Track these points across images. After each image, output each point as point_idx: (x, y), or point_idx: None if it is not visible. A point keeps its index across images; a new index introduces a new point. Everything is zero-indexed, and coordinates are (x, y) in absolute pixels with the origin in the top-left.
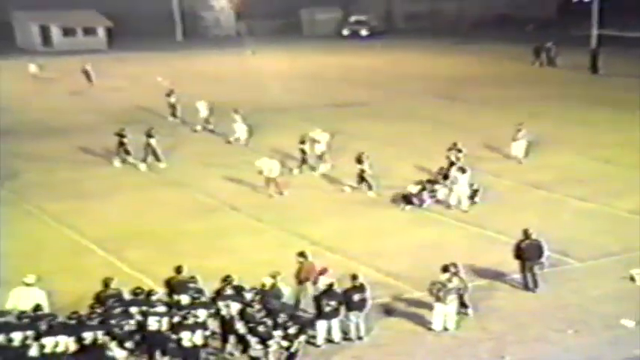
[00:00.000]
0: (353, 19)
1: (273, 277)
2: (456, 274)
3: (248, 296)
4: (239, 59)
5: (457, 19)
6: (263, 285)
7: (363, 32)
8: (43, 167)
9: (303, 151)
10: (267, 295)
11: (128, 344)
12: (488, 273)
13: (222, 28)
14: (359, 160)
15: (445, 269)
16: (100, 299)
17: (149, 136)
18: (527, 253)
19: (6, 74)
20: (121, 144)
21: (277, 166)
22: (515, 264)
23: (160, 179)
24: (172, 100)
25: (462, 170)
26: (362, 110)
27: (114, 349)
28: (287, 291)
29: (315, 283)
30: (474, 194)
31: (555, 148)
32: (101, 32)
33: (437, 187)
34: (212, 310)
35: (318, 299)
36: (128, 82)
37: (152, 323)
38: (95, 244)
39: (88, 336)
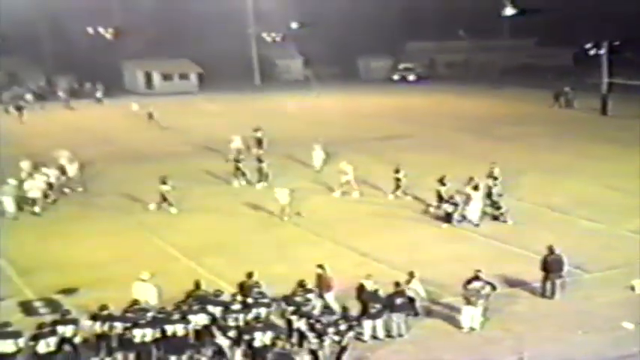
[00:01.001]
0: (402, 66)
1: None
2: (488, 282)
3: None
4: (306, 100)
5: (488, 68)
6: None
7: (411, 77)
8: (140, 188)
9: (397, 179)
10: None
11: (231, 334)
12: (510, 282)
13: (292, 73)
14: (397, 171)
15: (477, 277)
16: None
17: (260, 161)
18: (551, 266)
19: (115, 111)
20: (237, 168)
21: (286, 194)
22: (534, 274)
23: (236, 199)
24: (259, 134)
25: (475, 188)
26: (407, 143)
27: (219, 338)
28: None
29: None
30: (499, 214)
31: (569, 177)
32: (193, 77)
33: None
34: (272, 309)
35: (365, 302)
36: (214, 118)
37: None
38: (180, 252)
39: (169, 329)
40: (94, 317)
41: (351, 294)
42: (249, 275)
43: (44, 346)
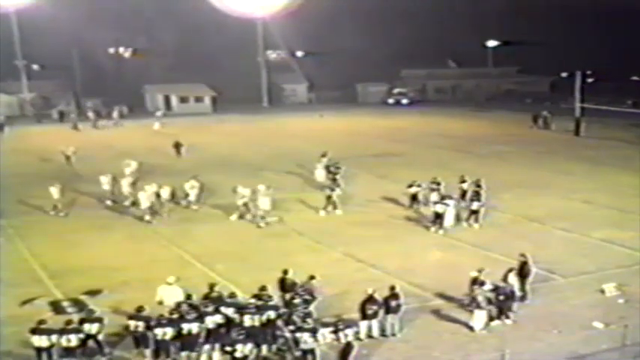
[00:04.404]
0: (396, 91)
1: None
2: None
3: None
4: (310, 121)
5: (474, 93)
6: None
7: (404, 101)
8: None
9: (462, 190)
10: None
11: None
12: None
13: (298, 96)
14: (410, 186)
15: (482, 283)
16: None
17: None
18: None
19: (140, 130)
20: (334, 180)
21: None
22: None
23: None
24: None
25: (449, 197)
26: (399, 160)
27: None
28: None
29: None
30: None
31: (545, 191)
32: (207, 100)
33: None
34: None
35: (363, 304)
36: (226, 137)
37: (246, 320)
38: (195, 259)
39: (186, 328)
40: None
41: (351, 297)
42: (285, 272)
43: (73, 341)
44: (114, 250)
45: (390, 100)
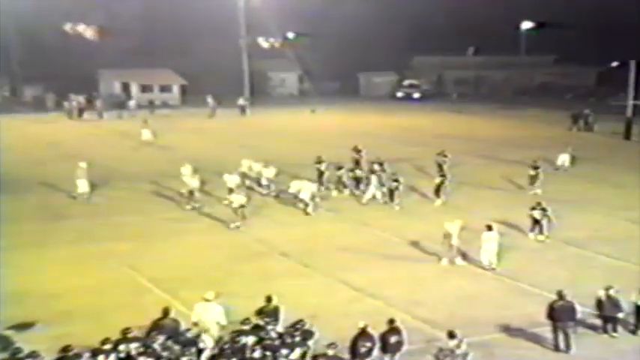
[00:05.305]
0: (406, 82)
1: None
2: (462, 340)
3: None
4: (299, 117)
5: (501, 86)
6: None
7: (416, 95)
8: (112, 210)
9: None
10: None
11: None
12: (520, 326)
13: (287, 87)
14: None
15: (451, 335)
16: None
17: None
18: (559, 314)
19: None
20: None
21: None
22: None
23: (218, 226)
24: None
25: (489, 228)
26: (405, 166)
27: None
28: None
29: None
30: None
31: (588, 208)
32: (176, 89)
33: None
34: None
35: (354, 341)
36: (195, 135)
37: None
38: (152, 283)
39: None
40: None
41: (341, 333)
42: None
43: None
44: (53, 272)
45: (399, 94)
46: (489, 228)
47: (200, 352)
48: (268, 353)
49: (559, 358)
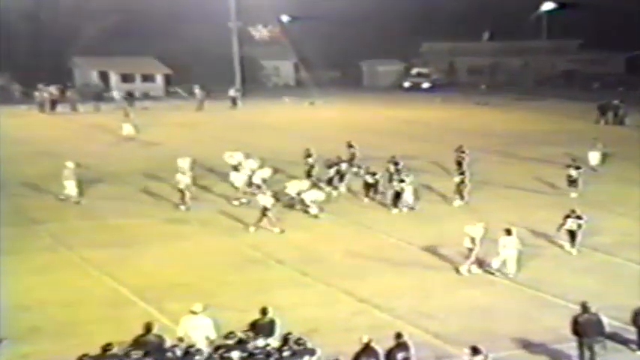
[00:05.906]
0: (415, 71)
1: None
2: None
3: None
4: (296, 109)
5: (521, 74)
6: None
7: (425, 85)
8: (91, 213)
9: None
10: None
11: None
12: (541, 342)
13: (282, 77)
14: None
15: (475, 351)
16: (138, 343)
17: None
18: (585, 328)
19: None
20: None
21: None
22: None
23: (208, 229)
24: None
25: (508, 232)
26: (411, 164)
27: None
28: None
29: None
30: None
31: (616, 210)
32: (159, 79)
33: None
34: None
35: (357, 357)
36: (179, 130)
37: None
38: (135, 295)
39: None
40: None
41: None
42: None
43: None
44: (25, 282)
45: (406, 84)
46: (508, 232)
47: None
48: None
49: None
